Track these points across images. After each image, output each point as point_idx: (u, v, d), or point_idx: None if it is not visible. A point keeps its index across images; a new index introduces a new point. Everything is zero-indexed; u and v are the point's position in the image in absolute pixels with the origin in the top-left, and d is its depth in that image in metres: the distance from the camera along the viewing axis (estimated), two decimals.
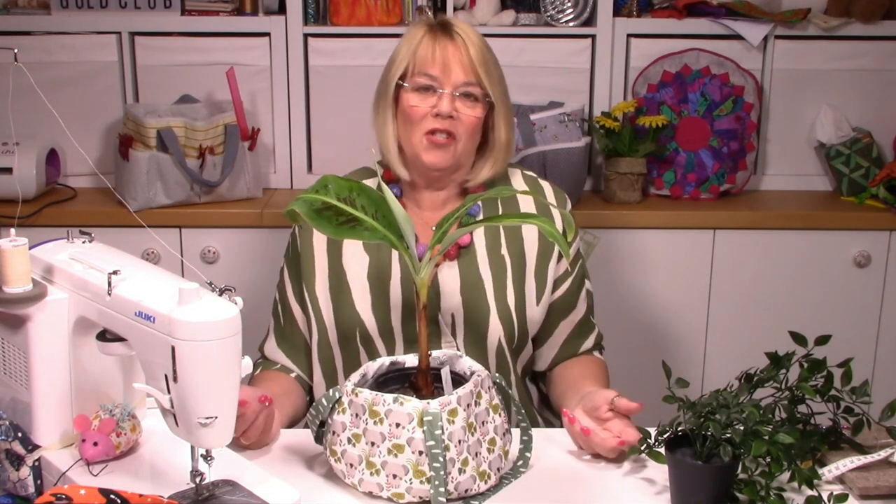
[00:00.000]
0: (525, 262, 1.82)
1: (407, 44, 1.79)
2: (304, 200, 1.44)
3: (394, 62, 1.80)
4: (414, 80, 1.76)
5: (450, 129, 1.75)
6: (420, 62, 1.76)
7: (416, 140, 1.76)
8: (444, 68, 1.74)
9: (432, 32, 1.77)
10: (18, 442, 1.37)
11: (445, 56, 1.75)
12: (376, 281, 1.79)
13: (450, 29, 1.77)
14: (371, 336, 1.78)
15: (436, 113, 1.74)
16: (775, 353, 1.50)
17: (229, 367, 1.28)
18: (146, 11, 2.75)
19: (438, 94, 1.74)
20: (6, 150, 2.59)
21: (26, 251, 1.36)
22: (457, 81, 1.74)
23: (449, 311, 1.78)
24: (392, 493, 1.41)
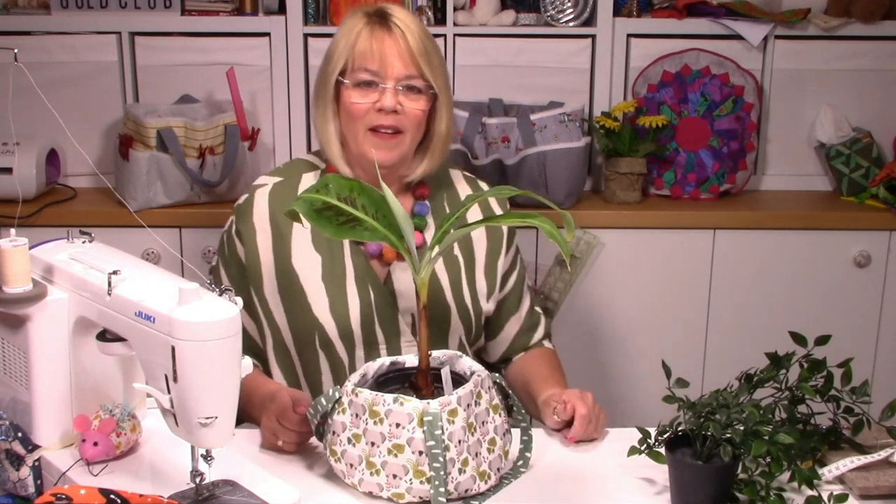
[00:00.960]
0: (475, 261, 1.83)
1: (344, 38, 1.74)
2: (305, 200, 1.44)
3: (331, 57, 1.76)
4: (354, 75, 1.72)
5: (395, 125, 1.72)
6: (359, 57, 1.71)
7: (361, 137, 1.73)
8: (384, 62, 1.70)
9: (370, 25, 1.72)
10: (18, 442, 1.37)
11: (384, 49, 1.70)
12: (332, 282, 1.75)
13: (388, 20, 1.72)
14: (331, 340, 1.74)
15: (379, 108, 1.70)
16: (775, 354, 1.50)
17: (229, 367, 1.28)
18: (146, 11, 2.75)
19: (380, 88, 1.71)
20: (6, 150, 2.59)
21: (26, 251, 1.36)
22: (398, 75, 1.70)
23: (409, 312, 1.77)
24: (392, 494, 1.41)
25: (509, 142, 2.65)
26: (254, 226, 1.77)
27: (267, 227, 1.77)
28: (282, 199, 1.77)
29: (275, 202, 1.78)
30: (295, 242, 1.77)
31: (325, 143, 1.79)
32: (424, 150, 1.80)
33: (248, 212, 1.78)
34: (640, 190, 2.74)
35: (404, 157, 1.77)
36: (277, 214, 1.77)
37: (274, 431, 1.55)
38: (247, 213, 1.78)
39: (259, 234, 1.77)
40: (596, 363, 2.74)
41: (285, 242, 1.77)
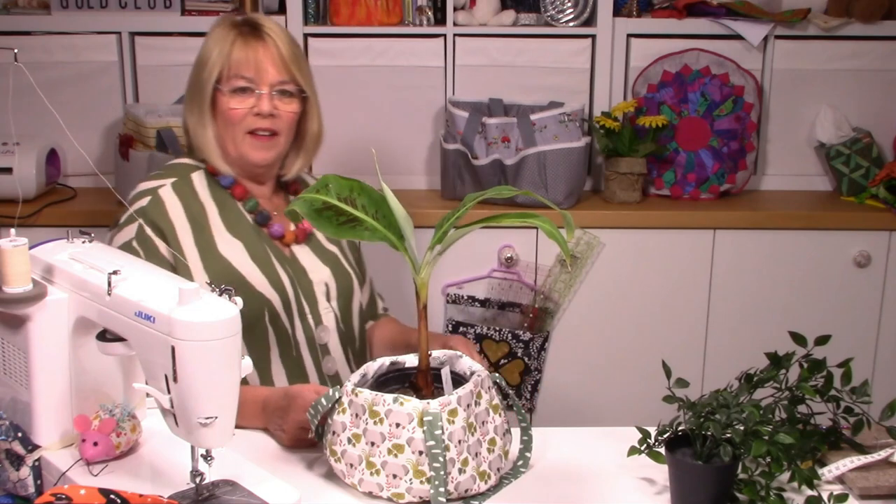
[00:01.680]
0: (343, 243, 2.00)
1: (217, 47, 1.83)
2: (305, 200, 1.44)
3: (205, 65, 1.84)
4: (230, 83, 1.82)
5: (272, 127, 1.83)
6: (234, 65, 1.82)
7: (240, 140, 1.83)
8: (259, 69, 1.82)
9: (243, 36, 1.83)
10: (18, 442, 1.37)
11: (258, 57, 1.82)
12: (261, 261, 1.82)
13: (259, 30, 1.84)
14: (278, 313, 1.82)
15: (256, 112, 1.81)
16: (775, 354, 1.50)
17: (229, 367, 1.28)
18: (146, 11, 2.75)
19: (256, 94, 1.82)
20: (6, 150, 2.59)
21: (26, 251, 1.36)
22: (272, 80, 1.82)
23: (322, 282, 1.89)
24: (392, 493, 1.41)
25: (509, 142, 2.66)
26: (171, 222, 1.79)
27: (185, 223, 1.80)
28: (185, 195, 1.83)
29: (183, 198, 1.83)
30: (215, 233, 1.82)
31: (202, 146, 1.86)
32: (298, 149, 1.93)
33: (161, 211, 1.80)
34: (640, 190, 2.74)
35: (280, 157, 1.90)
36: (191, 209, 1.82)
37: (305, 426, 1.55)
38: (160, 213, 1.79)
39: (178, 229, 1.80)
40: (596, 363, 2.74)
41: (206, 234, 1.81)
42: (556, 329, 2.70)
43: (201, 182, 1.86)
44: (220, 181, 1.87)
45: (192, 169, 1.88)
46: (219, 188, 1.87)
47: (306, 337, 1.85)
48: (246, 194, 1.88)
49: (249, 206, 1.87)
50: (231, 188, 1.87)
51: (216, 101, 1.84)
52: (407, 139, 2.83)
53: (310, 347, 1.86)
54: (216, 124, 1.85)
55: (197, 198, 1.84)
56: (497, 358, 2.68)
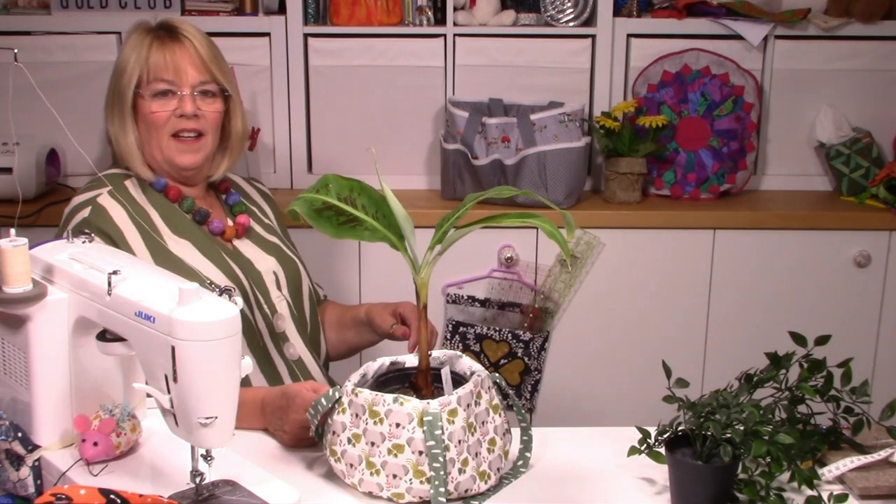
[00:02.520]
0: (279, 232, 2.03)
1: (135, 52, 1.84)
2: (305, 200, 1.44)
3: (124, 70, 1.84)
4: (150, 87, 1.82)
5: (197, 128, 1.84)
6: (154, 69, 1.82)
7: (164, 144, 1.83)
8: (178, 71, 1.82)
9: (159, 39, 1.84)
10: (18, 442, 1.37)
11: (176, 59, 1.83)
12: (211, 256, 1.83)
13: (176, 32, 1.85)
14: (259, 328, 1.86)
15: (179, 114, 1.82)
16: (775, 354, 1.50)
17: (229, 367, 1.28)
18: (146, 11, 2.74)
19: (178, 96, 1.82)
20: (6, 150, 2.59)
21: (26, 251, 1.36)
22: (193, 81, 1.83)
23: (270, 271, 1.92)
24: (392, 494, 1.41)
25: (509, 142, 2.65)
26: (118, 227, 1.78)
27: (132, 227, 1.79)
28: (126, 201, 1.83)
29: (123, 204, 1.82)
30: (163, 234, 1.82)
31: (125, 153, 1.87)
32: (224, 149, 1.94)
33: (105, 218, 1.78)
34: (640, 190, 2.74)
35: (208, 158, 1.90)
36: (134, 214, 1.81)
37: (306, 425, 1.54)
38: (105, 219, 1.77)
39: (126, 233, 1.78)
40: (596, 363, 2.74)
41: (155, 236, 1.81)
42: (556, 329, 2.70)
43: (135, 188, 1.87)
44: (153, 185, 1.87)
45: (124, 177, 1.88)
46: (153, 192, 1.87)
47: (266, 326, 1.87)
48: (180, 195, 1.88)
49: (186, 206, 1.88)
50: (164, 191, 1.87)
51: (137, 107, 1.84)
52: (407, 139, 2.83)
53: (271, 336, 1.88)
54: (138, 130, 1.86)
55: (136, 203, 1.84)
56: (497, 358, 2.68)
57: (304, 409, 1.53)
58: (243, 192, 2.05)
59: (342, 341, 2.06)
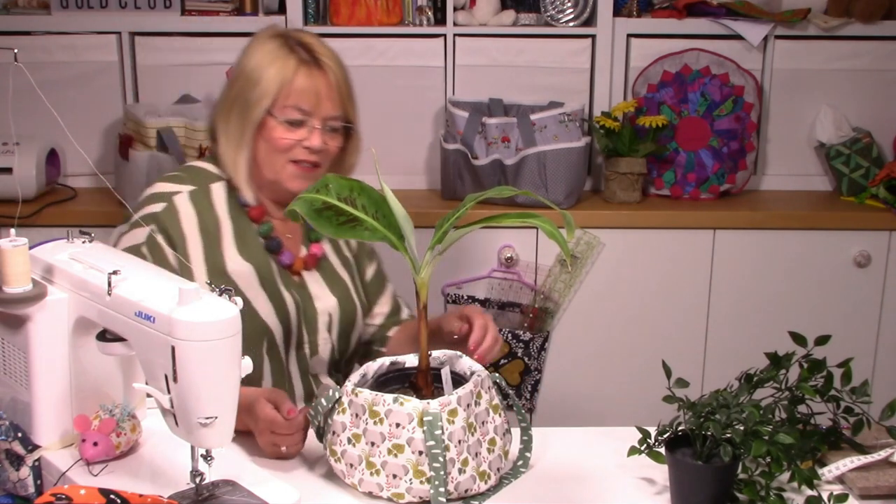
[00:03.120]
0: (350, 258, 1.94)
1: (274, 68, 1.74)
2: (305, 200, 1.44)
3: (257, 83, 1.74)
4: (285, 112, 1.74)
5: (317, 160, 1.78)
6: (295, 95, 1.74)
7: (280, 167, 1.77)
8: (317, 103, 1.75)
9: (305, 64, 1.74)
10: (18, 442, 1.37)
11: (318, 90, 1.75)
12: (269, 288, 1.77)
13: (318, 58, 1.76)
14: (276, 343, 1.78)
15: (306, 146, 1.76)
16: (775, 354, 1.50)
17: (229, 367, 1.28)
18: (146, 11, 2.75)
19: (308, 128, 1.75)
20: (6, 150, 2.59)
21: (26, 251, 1.36)
22: (326, 115, 1.77)
23: (326, 311, 1.84)
24: (392, 494, 1.41)
25: (509, 142, 2.66)
26: (183, 232, 1.74)
27: (197, 235, 1.75)
28: (202, 207, 1.77)
29: (199, 210, 1.76)
30: (226, 251, 1.76)
31: (231, 165, 1.78)
32: None
33: (174, 219, 1.74)
34: (640, 190, 2.74)
35: None
36: (205, 222, 1.76)
37: (273, 443, 1.53)
38: (173, 220, 1.73)
39: (189, 241, 1.74)
40: (596, 363, 2.74)
41: (217, 250, 1.76)
42: (556, 329, 2.70)
43: (220, 195, 1.79)
44: (240, 198, 1.80)
45: (214, 178, 1.81)
46: (237, 205, 1.80)
47: (300, 368, 1.83)
48: (262, 216, 1.81)
49: (263, 231, 1.80)
50: (249, 208, 1.80)
51: (263, 124, 1.75)
52: (407, 139, 2.83)
53: (302, 377, 1.83)
54: (256, 147, 1.77)
55: (213, 211, 1.77)
56: (497, 358, 2.68)
57: (268, 432, 1.52)
58: None
59: None
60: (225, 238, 1.77)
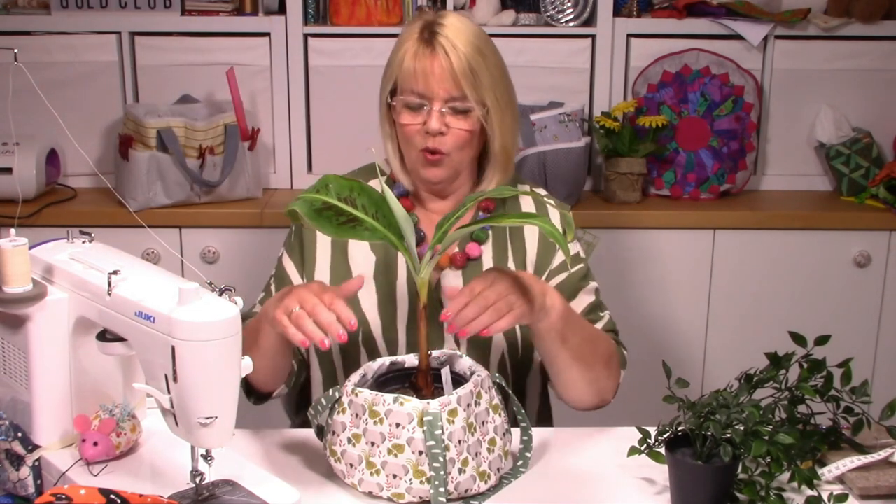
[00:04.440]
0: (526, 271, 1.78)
1: (397, 52, 1.72)
2: (305, 200, 1.44)
3: (387, 69, 1.75)
4: (403, 97, 1.70)
5: (437, 147, 1.69)
6: (405, 78, 1.69)
7: (414, 156, 1.72)
8: (428, 84, 1.67)
9: (418, 42, 1.68)
10: (18, 442, 1.37)
11: (427, 71, 1.67)
12: (383, 281, 1.76)
13: (434, 38, 1.67)
14: (374, 336, 1.75)
15: (425, 131, 1.69)
16: (775, 354, 1.50)
17: (229, 367, 1.28)
18: (146, 11, 2.75)
19: (426, 110, 1.68)
20: (6, 150, 2.59)
21: (26, 251, 1.36)
22: (444, 96, 1.67)
23: None
24: (392, 494, 1.41)
25: None
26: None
27: None
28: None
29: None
30: (353, 241, 1.76)
31: (389, 156, 1.80)
32: (488, 165, 1.77)
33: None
34: (640, 190, 2.74)
35: (456, 173, 1.75)
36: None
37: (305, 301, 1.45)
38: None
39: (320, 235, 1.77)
40: None
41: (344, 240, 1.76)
42: None
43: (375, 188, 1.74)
44: (396, 189, 1.77)
45: (371, 174, 1.82)
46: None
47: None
48: (409, 209, 1.76)
49: None
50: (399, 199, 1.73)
51: (392, 110, 1.73)
52: None
53: None
54: (395, 134, 1.76)
55: None
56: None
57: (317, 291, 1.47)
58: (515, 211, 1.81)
59: None
60: None
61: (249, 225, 2.62)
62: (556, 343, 1.59)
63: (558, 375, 1.67)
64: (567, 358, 1.63)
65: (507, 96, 1.74)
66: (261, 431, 1.64)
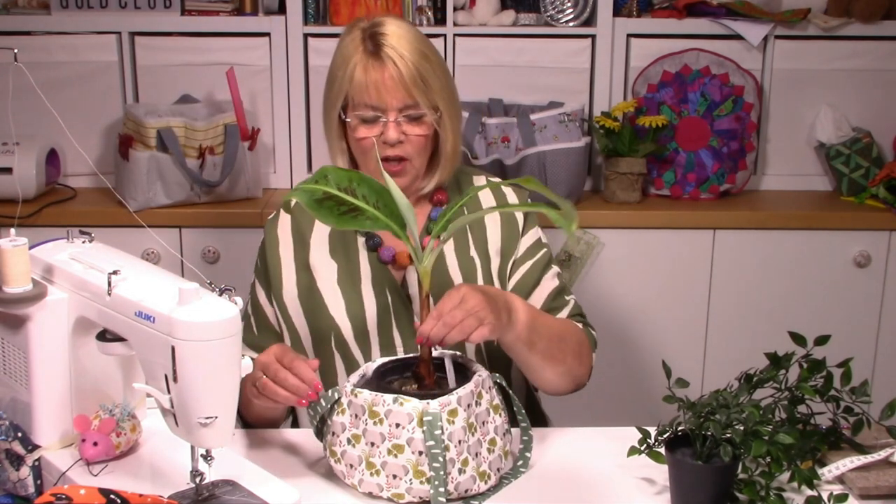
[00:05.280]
0: (490, 262, 1.78)
1: (342, 66, 1.71)
2: (304, 190, 1.44)
3: (332, 85, 1.74)
4: (356, 112, 1.70)
5: (400, 154, 1.70)
6: (358, 92, 1.69)
7: (373, 167, 1.69)
8: (381, 96, 1.68)
9: (365, 55, 1.68)
10: (18, 442, 1.37)
11: (379, 82, 1.67)
12: (348, 285, 1.75)
13: (379, 50, 1.68)
14: (346, 340, 1.74)
15: (384, 141, 1.69)
16: (775, 354, 1.50)
17: (229, 367, 1.28)
18: (146, 11, 2.75)
19: (382, 122, 1.69)
20: (6, 150, 2.59)
21: (26, 251, 1.36)
22: (397, 105, 1.68)
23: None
24: (392, 494, 1.41)
25: (509, 142, 2.65)
26: (277, 237, 1.80)
27: (289, 238, 1.79)
28: (302, 211, 1.79)
29: (297, 215, 1.81)
30: (314, 251, 1.77)
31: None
32: (434, 165, 1.79)
33: (272, 227, 1.81)
34: (640, 190, 2.74)
35: (417, 178, 1.77)
36: (300, 227, 1.79)
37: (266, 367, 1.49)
38: (271, 229, 1.81)
39: (282, 245, 1.79)
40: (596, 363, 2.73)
41: (305, 251, 1.78)
42: None
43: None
44: None
45: None
46: None
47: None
48: None
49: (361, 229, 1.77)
50: None
51: (345, 125, 1.74)
52: None
53: None
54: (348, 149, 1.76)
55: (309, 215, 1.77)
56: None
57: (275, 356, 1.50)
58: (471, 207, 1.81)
59: None
60: (316, 237, 1.78)
61: (249, 225, 2.62)
62: (525, 350, 1.61)
63: (531, 374, 1.70)
64: (538, 360, 1.65)
65: (453, 96, 1.76)
66: (261, 431, 1.64)
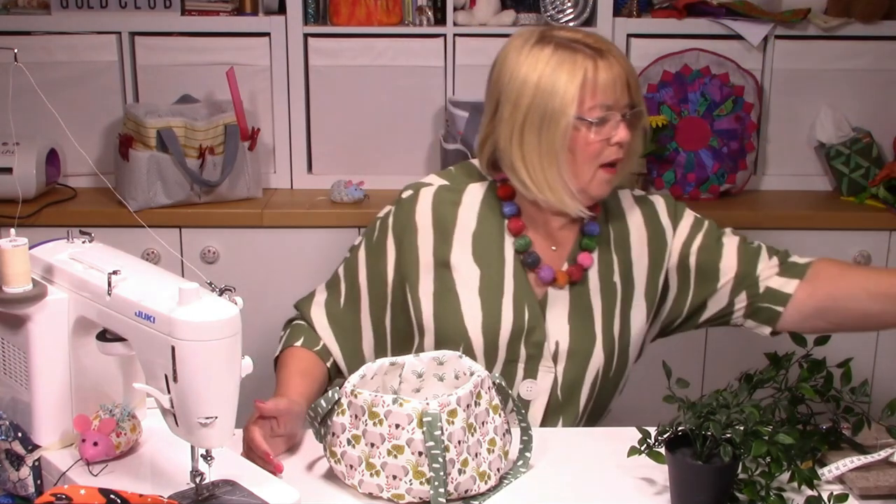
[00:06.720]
0: (633, 287, 1.73)
1: (567, 72, 1.57)
2: None
3: (554, 93, 1.58)
4: (593, 113, 1.58)
5: (621, 158, 1.63)
6: (601, 92, 1.57)
7: (591, 175, 1.61)
8: (617, 94, 1.59)
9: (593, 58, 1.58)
10: (18, 442, 1.37)
11: (615, 80, 1.58)
12: (489, 297, 1.68)
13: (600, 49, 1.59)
14: (474, 352, 1.68)
15: (615, 142, 1.59)
16: (775, 354, 1.50)
17: (229, 367, 1.28)
18: (146, 11, 2.75)
19: (611, 122, 1.59)
20: (6, 150, 2.59)
21: (26, 251, 1.36)
22: (624, 104, 1.60)
23: (554, 338, 1.70)
24: (392, 494, 1.41)
25: None
26: (415, 223, 1.70)
27: (429, 229, 1.70)
28: (445, 203, 1.71)
29: (438, 205, 1.71)
30: (456, 249, 1.69)
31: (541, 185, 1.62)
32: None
33: (410, 209, 1.71)
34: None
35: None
36: (442, 218, 1.70)
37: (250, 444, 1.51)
38: (408, 210, 1.71)
39: (420, 233, 1.70)
40: None
41: (447, 248, 1.69)
42: None
43: (476, 195, 1.70)
44: (503, 207, 1.69)
45: (477, 178, 1.73)
46: (495, 210, 1.70)
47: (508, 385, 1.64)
48: (521, 230, 1.69)
49: (520, 246, 1.68)
50: (510, 219, 1.68)
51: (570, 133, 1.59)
52: (407, 139, 2.83)
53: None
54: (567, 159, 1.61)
55: (456, 208, 1.70)
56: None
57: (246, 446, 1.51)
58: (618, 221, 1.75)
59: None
60: (459, 236, 1.69)
61: (249, 225, 2.62)
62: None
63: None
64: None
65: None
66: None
